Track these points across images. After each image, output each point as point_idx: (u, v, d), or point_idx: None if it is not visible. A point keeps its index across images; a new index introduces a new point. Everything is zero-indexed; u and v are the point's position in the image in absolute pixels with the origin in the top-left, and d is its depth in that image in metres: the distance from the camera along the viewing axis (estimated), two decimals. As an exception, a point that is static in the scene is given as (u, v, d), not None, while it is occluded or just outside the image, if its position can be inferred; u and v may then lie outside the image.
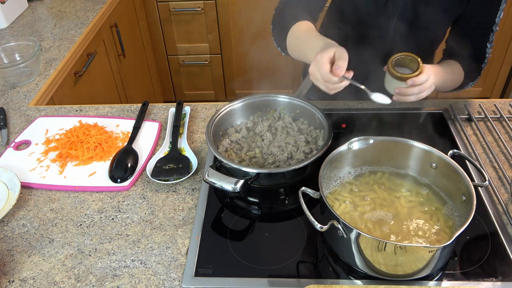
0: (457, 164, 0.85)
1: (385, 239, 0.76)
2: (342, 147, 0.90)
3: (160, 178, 1.01)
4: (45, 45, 1.62)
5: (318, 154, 0.93)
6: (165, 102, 1.31)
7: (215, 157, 1.01)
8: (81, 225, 0.93)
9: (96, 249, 0.88)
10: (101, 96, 1.87)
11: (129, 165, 1.04)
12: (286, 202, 0.98)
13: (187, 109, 1.22)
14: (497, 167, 1.02)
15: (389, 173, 0.94)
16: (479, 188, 0.96)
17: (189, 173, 1.02)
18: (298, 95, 1.12)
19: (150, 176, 1.01)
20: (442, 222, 0.83)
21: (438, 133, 1.12)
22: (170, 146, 1.10)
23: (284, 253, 0.85)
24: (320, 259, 0.85)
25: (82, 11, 1.88)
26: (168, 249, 0.88)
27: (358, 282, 0.80)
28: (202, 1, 2.40)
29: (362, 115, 1.19)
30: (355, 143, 0.91)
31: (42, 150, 1.11)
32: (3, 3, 1.73)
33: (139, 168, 1.05)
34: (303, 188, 0.83)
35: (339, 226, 0.75)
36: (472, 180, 0.83)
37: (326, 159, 0.87)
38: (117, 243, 0.89)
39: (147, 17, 2.48)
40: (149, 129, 1.17)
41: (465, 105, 1.21)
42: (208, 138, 0.99)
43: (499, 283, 0.79)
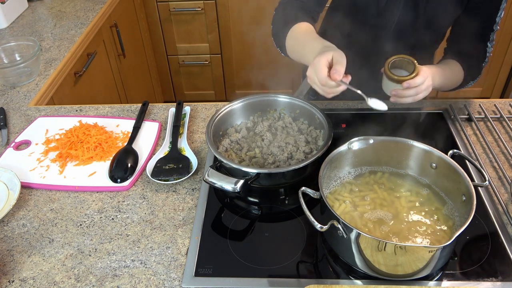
0: (457, 164, 0.85)
1: (385, 239, 0.76)
2: (342, 147, 0.90)
3: (160, 178, 1.01)
4: (45, 45, 1.62)
5: (318, 154, 0.93)
6: (165, 102, 1.31)
7: (215, 157, 1.01)
8: (81, 225, 0.93)
9: (96, 249, 0.88)
10: (101, 96, 1.87)
11: (129, 165, 1.04)
12: (286, 202, 0.98)
13: (187, 109, 1.22)
14: (497, 167, 1.02)
15: (389, 173, 0.94)
16: (479, 188, 0.96)
17: (189, 173, 1.02)
18: (298, 95, 1.12)
19: (150, 176, 1.01)
20: (442, 222, 0.83)
21: (438, 133, 1.12)
22: (170, 146, 1.10)
23: (284, 253, 0.85)
24: (320, 259, 0.85)
25: (82, 11, 1.88)
26: (168, 249, 0.88)
27: (358, 282, 0.80)
28: (202, 1, 2.40)
29: (362, 115, 1.19)
30: (355, 143, 0.91)
31: (42, 150, 1.11)
32: (3, 3, 1.73)
33: (139, 168, 1.05)
34: (303, 188, 0.83)
35: (339, 226, 0.75)
36: (472, 180, 0.83)
37: (326, 159, 0.87)
38: (117, 243, 0.89)
39: (147, 17, 2.48)
40: (149, 129, 1.17)
41: (465, 105, 1.21)
42: (208, 138, 0.99)
43: (499, 283, 0.79)
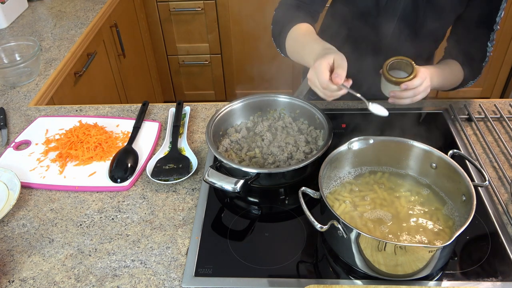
0: (457, 164, 0.85)
1: (385, 239, 0.76)
2: (342, 147, 0.90)
3: (160, 178, 1.01)
4: (45, 45, 1.62)
5: (318, 154, 0.93)
6: (165, 102, 1.31)
7: (215, 157, 1.01)
8: (81, 225, 0.93)
9: (96, 249, 0.88)
10: (101, 96, 1.87)
11: (129, 165, 1.04)
12: (286, 202, 0.98)
13: (187, 109, 1.22)
14: (497, 167, 1.02)
15: (389, 173, 0.94)
16: (479, 188, 0.96)
17: (189, 173, 1.02)
18: (298, 95, 1.12)
19: (150, 176, 1.01)
20: (442, 222, 0.83)
21: (438, 133, 1.12)
22: (170, 146, 1.10)
23: (284, 253, 0.85)
24: (320, 259, 0.85)
25: (82, 11, 1.88)
26: (168, 249, 0.88)
27: (358, 282, 0.80)
28: (202, 1, 2.40)
29: (362, 115, 1.19)
30: (355, 143, 0.91)
31: (42, 150, 1.11)
32: (3, 3, 1.73)
33: (139, 168, 1.05)
34: (303, 188, 0.83)
35: (339, 226, 0.75)
36: (472, 180, 0.83)
37: (326, 159, 0.87)
38: (117, 243, 0.89)
39: (147, 17, 2.48)
40: (149, 129, 1.17)
41: (465, 105, 1.21)
42: (208, 138, 0.99)
43: (499, 283, 0.79)
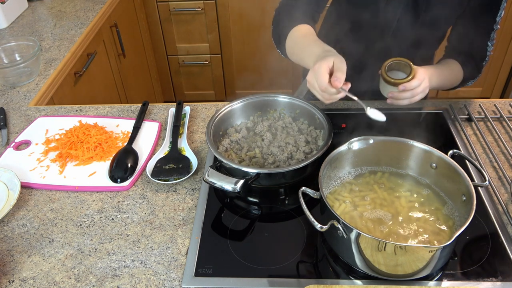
0: (457, 164, 0.85)
1: (385, 239, 0.76)
2: (342, 147, 0.90)
3: (160, 178, 1.01)
4: (45, 45, 1.62)
5: (318, 154, 0.93)
6: (165, 102, 1.31)
7: (215, 157, 1.01)
8: (81, 225, 0.93)
9: (96, 249, 0.88)
10: (101, 96, 1.87)
11: (129, 165, 1.04)
12: (286, 202, 0.98)
13: (187, 109, 1.22)
14: (497, 167, 1.02)
15: (389, 173, 0.94)
16: (479, 188, 0.96)
17: (189, 173, 1.02)
18: (298, 95, 1.12)
19: (150, 176, 1.01)
20: (442, 222, 0.83)
21: (438, 133, 1.12)
22: (170, 146, 1.10)
23: (284, 253, 0.85)
24: (320, 259, 0.85)
25: (82, 11, 1.88)
26: (168, 249, 0.88)
27: (358, 282, 0.80)
28: (202, 1, 2.40)
29: (362, 115, 1.19)
30: (355, 143, 0.91)
31: (42, 150, 1.11)
32: (3, 3, 1.73)
33: (139, 168, 1.05)
34: (303, 188, 0.83)
35: (339, 226, 0.75)
36: (472, 180, 0.83)
37: (326, 159, 0.87)
38: (117, 243, 0.89)
39: (147, 17, 2.48)
40: (149, 129, 1.17)
41: (465, 105, 1.21)
42: (208, 138, 0.99)
43: (499, 283, 0.79)
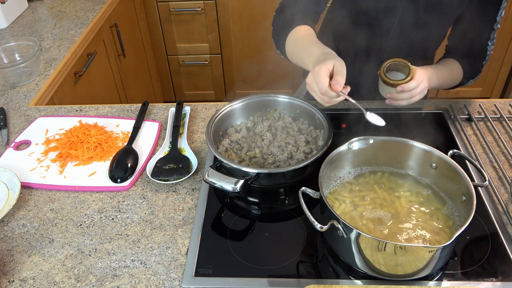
0: (457, 164, 0.85)
1: (385, 239, 0.76)
2: (342, 147, 0.90)
3: (160, 178, 1.01)
4: (45, 45, 1.62)
5: (318, 154, 0.93)
6: (165, 102, 1.31)
7: (215, 157, 1.01)
8: (81, 225, 0.93)
9: (96, 249, 0.88)
10: (101, 96, 1.87)
11: (129, 165, 1.04)
12: (286, 202, 0.98)
13: (187, 109, 1.22)
14: (497, 167, 1.02)
15: (389, 173, 0.94)
16: (479, 188, 0.96)
17: (189, 173, 1.02)
18: (298, 95, 1.12)
19: (150, 176, 1.01)
20: (442, 222, 0.83)
21: (438, 133, 1.12)
22: (170, 146, 1.10)
23: (284, 253, 0.85)
24: (320, 259, 0.85)
25: (82, 11, 1.88)
26: (168, 249, 0.88)
27: (358, 282, 0.80)
28: (202, 1, 2.40)
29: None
30: (355, 143, 0.91)
31: (42, 150, 1.11)
32: (3, 3, 1.73)
33: (139, 168, 1.05)
34: (303, 188, 0.83)
35: (339, 226, 0.75)
36: (472, 180, 0.83)
37: (326, 159, 0.87)
38: (117, 243, 0.89)
39: (147, 17, 2.48)
40: (149, 129, 1.17)
41: (465, 105, 1.21)
42: (208, 138, 0.99)
43: (499, 283, 0.79)
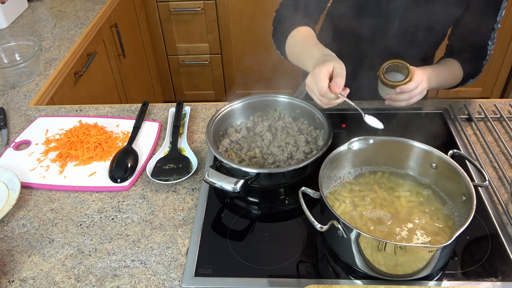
0: (457, 164, 0.85)
1: (385, 239, 0.76)
2: (342, 147, 0.90)
3: (160, 178, 1.01)
4: (45, 45, 1.62)
5: (318, 154, 0.93)
6: (165, 102, 1.31)
7: (215, 157, 1.01)
8: (81, 225, 0.93)
9: (96, 249, 0.88)
10: (101, 96, 1.87)
11: (129, 165, 1.04)
12: (286, 202, 0.98)
13: (187, 109, 1.22)
14: (497, 167, 1.02)
15: (389, 173, 0.94)
16: (479, 188, 0.96)
17: (189, 173, 1.02)
18: (298, 95, 1.12)
19: (150, 176, 1.01)
20: (442, 222, 0.83)
21: (438, 133, 1.12)
22: (170, 146, 1.10)
23: (284, 253, 0.85)
24: (320, 259, 0.85)
25: (82, 11, 1.88)
26: (168, 249, 0.88)
27: (358, 282, 0.80)
28: (202, 1, 2.40)
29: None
30: (355, 143, 0.91)
31: (42, 150, 1.11)
32: (3, 3, 1.73)
33: (139, 168, 1.05)
34: (303, 188, 0.83)
35: (339, 226, 0.75)
36: (472, 180, 0.82)
37: (326, 159, 0.87)
38: (117, 243, 0.89)
39: (147, 17, 2.48)
40: (149, 129, 1.17)
41: (465, 105, 1.21)
42: (208, 138, 0.99)
43: (499, 283, 0.79)
